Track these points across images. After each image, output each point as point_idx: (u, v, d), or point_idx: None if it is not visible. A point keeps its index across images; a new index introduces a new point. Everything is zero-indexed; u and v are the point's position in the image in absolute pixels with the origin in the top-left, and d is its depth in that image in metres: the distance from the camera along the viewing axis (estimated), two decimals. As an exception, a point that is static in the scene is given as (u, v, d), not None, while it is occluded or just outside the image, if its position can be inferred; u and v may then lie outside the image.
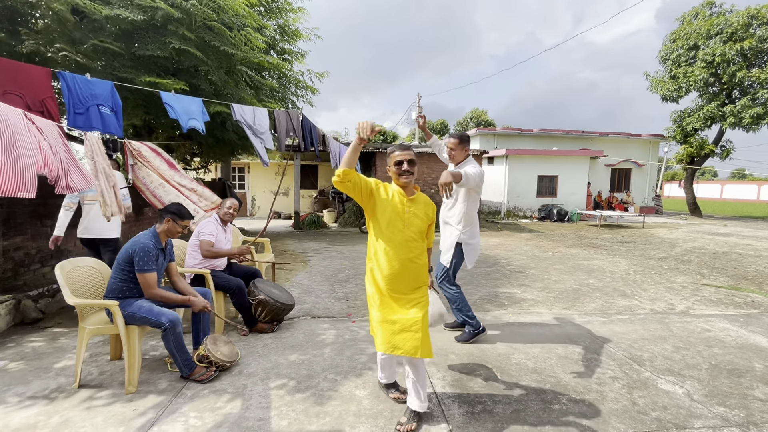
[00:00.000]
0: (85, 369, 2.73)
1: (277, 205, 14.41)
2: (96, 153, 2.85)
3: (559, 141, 17.58)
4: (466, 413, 2.29)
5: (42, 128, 2.29)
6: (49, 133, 2.35)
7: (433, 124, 39.44)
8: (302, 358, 2.98)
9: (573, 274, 6.01)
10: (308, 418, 2.22)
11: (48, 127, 2.38)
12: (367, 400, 2.41)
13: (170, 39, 4.18)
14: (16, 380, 2.57)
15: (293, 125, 6.02)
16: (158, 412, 2.25)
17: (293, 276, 5.55)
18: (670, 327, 3.76)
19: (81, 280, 2.62)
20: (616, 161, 17.83)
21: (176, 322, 2.45)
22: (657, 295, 4.92)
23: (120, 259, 2.50)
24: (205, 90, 4.81)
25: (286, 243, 8.70)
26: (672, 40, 15.76)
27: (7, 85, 2.66)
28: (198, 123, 4.04)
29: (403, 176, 2.14)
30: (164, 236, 2.65)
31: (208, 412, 2.26)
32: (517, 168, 14.82)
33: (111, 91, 3.34)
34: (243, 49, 4.90)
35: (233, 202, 3.65)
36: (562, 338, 3.43)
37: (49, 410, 2.24)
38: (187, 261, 3.42)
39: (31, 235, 4.04)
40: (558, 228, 12.53)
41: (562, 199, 15.21)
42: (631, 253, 8.07)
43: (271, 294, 3.39)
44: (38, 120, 2.32)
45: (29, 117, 2.22)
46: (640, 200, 18.57)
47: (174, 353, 2.49)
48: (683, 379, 2.73)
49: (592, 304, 4.46)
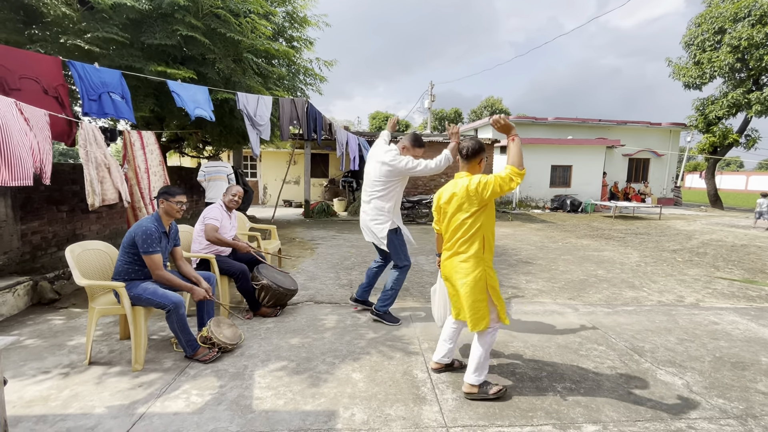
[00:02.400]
0: (96, 347, 2.86)
1: (287, 193, 14.56)
2: (89, 142, 2.93)
3: (575, 130, 17.16)
4: (459, 398, 2.32)
5: (29, 119, 2.35)
6: (36, 124, 2.41)
7: (447, 112, 38.92)
8: (303, 341, 3.05)
9: (581, 265, 5.94)
10: (304, 398, 2.29)
11: (36, 117, 2.45)
12: (362, 383, 2.46)
13: (177, 27, 4.22)
14: (32, 356, 2.71)
15: (297, 113, 6.05)
16: (162, 389, 2.35)
17: (300, 263, 5.63)
18: (676, 319, 3.69)
19: (91, 263, 2.73)
20: (634, 151, 17.34)
21: (179, 304, 2.53)
22: (667, 287, 4.83)
23: (125, 243, 2.59)
24: (212, 78, 4.86)
25: (295, 231, 8.81)
26: (697, 24, 15.08)
27: (22, 71, 2.74)
28: (204, 111, 4.09)
29: None
30: (165, 218, 2.72)
31: (208, 390, 2.35)
32: (530, 157, 14.55)
33: (119, 79, 3.41)
34: (250, 37, 4.91)
35: (238, 190, 3.70)
36: (563, 328, 3.42)
37: (61, 384, 2.37)
38: (193, 246, 3.51)
39: (48, 220, 4.20)
40: (571, 219, 12.33)
41: (576, 189, 14.92)
42: (644, 244, 7.90)
43: (274, 279, 3.46)
44: (27, 110, 2.38)
45: (19, 107, 2.29)
46: (659, 191, 18.07)
47: (177, 333, 2.58)
48: (684, 371, 2.69)
49: (597, 295, 4.41)
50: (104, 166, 3.21)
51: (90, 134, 3.07)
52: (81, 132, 3.03)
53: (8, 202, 3.64)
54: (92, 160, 3.09)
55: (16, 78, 2.62)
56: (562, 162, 14.85)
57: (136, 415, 2.09)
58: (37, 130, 2.45)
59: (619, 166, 17.59)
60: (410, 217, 10.63)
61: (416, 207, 10.66)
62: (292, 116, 6.12)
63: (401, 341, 3.10)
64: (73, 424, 2.01)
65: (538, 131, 17.00)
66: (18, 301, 3.46)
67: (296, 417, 2.11)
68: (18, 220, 3.79)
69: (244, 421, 2.07)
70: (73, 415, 2.09)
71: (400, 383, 2.48)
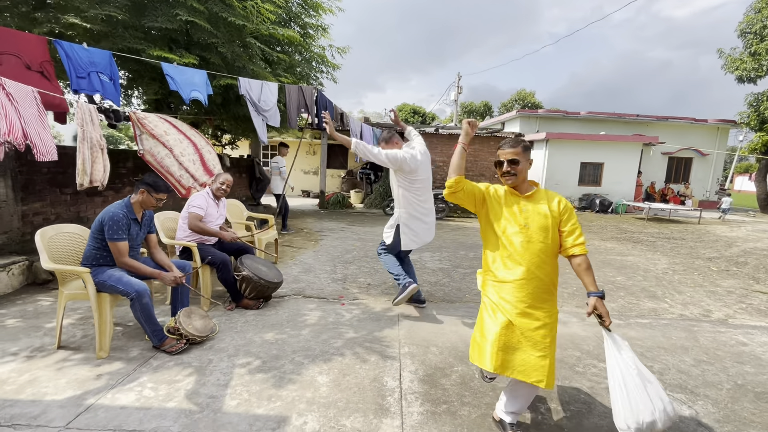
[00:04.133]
0: (71, 331, 2.84)
1: (305, 183, 14.59)
2: (86, 122, 2.89)
3: (610, 125, 16.16)
4: (427, 412, 2.11)
5: (12, 94, 2.31)
6: (23, 100, 2.37)
7: (476, 105, 37.86)
8: (278, 337, 2.92)
9: (599, 270, 5.50)
10: (259, 400, 2.15)
11: (22, 94, 2.41)
12: (325, 388, 2.29)
13: (178, 11, 4.15)
14: (7, 336, 2.72)
15: (306, 101, 5.89)
16: (119, 379, 2.28)
17: (300, 254, 5.54)
18: (697, 336, 3.29)
19: (64, 246, 2.70)
20: (675, 149, 16.13)
21: (142, 293, 2.45)
22: (693, 299, 4.36)
23: (94, 228, 2.53)
24: (215, 63, 4.79)
25: (306, 221, 8.76)
26: (756, 10, 13.68)
27: (4, 47, 2.73)
28: (200, 95, 4.01)
29: (504, 177, 1.91)
30: (138, 207, 2.64)
31: (165, 384, 2.25)
32: (558, 153, 13.83)
33: (109, 60, 3.37)
34: (255, 22, 4.79)
35: (226, 178, 3.61)
36: (563, 339, 3.11)
37: (23, 368, 2.34)
38: (178, 233, 3.45)
39: (51, 202, 4.28)
40: (598, 219, 11.62)
41: (607, 188, 14.05)
42: (675, 250, 7.27)
43: (256, 271, 3.34)
44: (11, 86, 2.34)
45: (1, 83, 2.24)
46: (701, 193, 16.76)
47: (142, 322, 2.51)
48: (695, 399, 2.35)
49: (611, 304, 4.02)
50: (98, 146, 3.18)
51: (87, 114, 3.04)
52: (78, 111, 3.01)
53: (8, 182, 3.72)
54: (87, 139, 3.07)
55: (-6, 55, 2.61)
56: (592, 159, 14.00)
57: (83, 406, 2.02)
58: (24, 105, 2.42)
59: (657, 165, 16.43)
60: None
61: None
62: (300, 104, 5.97)
63: (381, 343, 2.91)
64: (19, 411, 1.96)
65: (569, 126, 16.14)
66: (12, 280, 3.54)
67: (244, 420, 1.97)
68: (19, 200, 3.87)
69: (189, 421, 1.95)
70: (23, 401, 2.04)
71: (366, 391, 2.29)
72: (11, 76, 2.53)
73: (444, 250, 6.28)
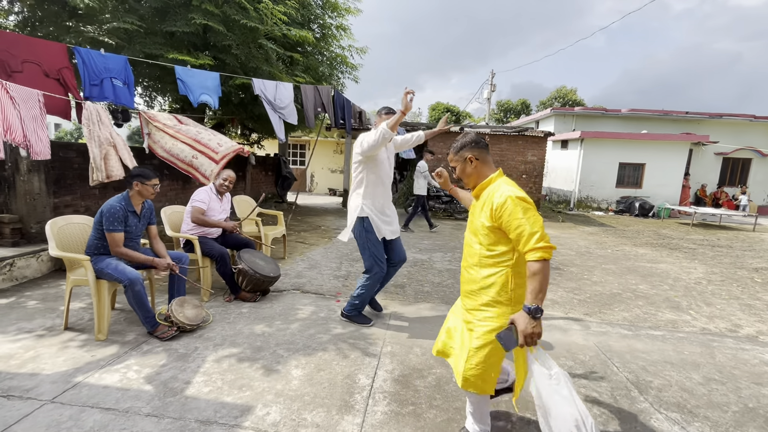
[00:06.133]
0: (80, 314, 3.08)
1: (332, 182, 14.83)
2: (92, 122, 3.11)
3: (654, 123, 15.09)
4: (391, 412, 2.08)
5: (16, 97, 2.53)
6: (25, 104, 2.59)
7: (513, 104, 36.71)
8: (266, 330, 2.99)
9: (622, 276, 5.16)
10: (231, 389, 2.21)
11: (27, 97, 2.63)
12: (297, 381, 2.32)
13: (193, 15, 4.37)
14: (25, 316, 3.00)
15: (323, 101, 6.00)
16: (110, 360, 2.43)
17: (310, 251, 5.64)
18: (714, 353, 3.00)
19: (73, 236, 2.92)
20: (730, 149, 14.78)
21: (135, 281, 2.60)
22: (723, 312, 3.98)
23: (96, 220, 2.72)
24: (230, 65, 4.99)
25: (325, 219, 8.91)
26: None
27: (26, 56, 3.00)
28: (210, 98, 4.19)
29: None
30: (137, 199, 2.81)
31: (149, 367, 2.38)
32: (594, 153, 13.11)
33: (124, 65, 3.60)
34: (268, 23, 4.94)
35: (229, 174, 3.74)
36: (558, 346, 2.95)
37: (30, 345, 2.57)
38: (182, 226, 3.63)
39: (80, 195, 4.66)
40: (637, 224, 10.89)
41: (649, 191, 13.14)
42: (717, 258, 6.67)
43: (252, 264, 3.45)
44: (16, 89, 2.56)
45: (5, 87, 2.47)
46: (761, 198, 15.25)
47: (135, 309, 2.67)
48: (692, 419, 2.14)
49: (623, 313, 3.77)
50: (108, 143, 3.40)
51: (94, 114, 3.28)
52: (85, 112, 3.24)
53: (42, 176, 4.08)
54: (95, 138, 3.30)
55: (18, 62, 2.88)
56: (632, 159, 13.14)
57: (71, 383, 2.18)
58: (26, 109, 2.65)
59: (708, 166, 15.15)
60: (448, 212, 10.20)
61: (454, 201, 10.19)
62: (317, 103, 6.09)
63: (366, 341, 2.91)
64: (17, 383, 2.15)
65: (608, 124, 15.25)
66: (41, 266, 3.88)
67: (211, 407, 2.04)
68: (51, 193, 4.23)
69: (161, 404, 2.05)
70: (22, 374, 2.24)
71: (336, 386, 2.29)
72: (29, 82, 2.78)
73: (457, 251, 6.16)
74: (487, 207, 1.60)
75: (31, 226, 4.03)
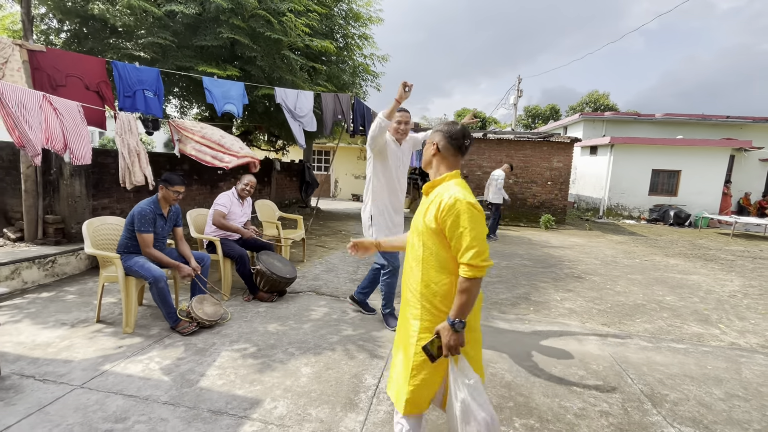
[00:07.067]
0: (111, 308, 3.30)
1: (356, 188, 15.02)
2: (125, 131, 3.35)
3: (691, 128, 14.38)
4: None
5: (59, 108, 2.79)
6: (68, 114, 2.84)
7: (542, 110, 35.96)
8: (279, 329, 3.10)
9: (648, 287, 4.96)
10: (243, 383, 2.32)
11: (68, 108, 2.89)
12: (305, 378, 2.41)
13: (221, 29, 4.64)
14: (63, 308, 3.25)
15: (342, 108, 6.15)
16: (135, 352, 2.61)
17: (329, 254, 5.76)
18: (740, 368, 2.85)
19: (107, 236, 3.16)
20: (776, 155, 13.85)
21: (159, 279, 2.78)
22: (756, 327, 3.76)
23: (127, 221, 2.93)
24: (255, 75, 5.23)
25: (347, 224, 9.05)
26: None
27: (70, 70, 3.30)
28: (234, 107, 4.41)
29: None
30: (163, 203, 3.01)
31: (169, 360, 2.54)
32: (625, 159, 12.63)
33: (156, 77, 3.87)
34: (291, 36, 5.15)
35: (250, 179, 3.92)
36: (572, 356, 2.89)
37: (66, 335, 2.79)
38: (206, 228, 3.83)
39: (117, 198, 4.99)
40: (671, 233, 10.39)
41: (685, 199, 12.50)
42: (758, 271, 6.28)
43: (270, 266, 3.59)
44: (59, 102, 2.82)
45: (49, 100, 2.73)
46: (813, 207, 14.15)
47: (159, 304, 2.85)
48: (707, 436, 2.06)
49: (645, 325, 3.63)
50: (135, 152, 3.66)
51: (126, 123, 3.54)
52: (118, 121, 3.51)
53: (82, 181, 4.42)
54: (126, 146, 3.55)
55: (63, 76, 3.17)
56: (666, 166, 12.57)
57: (99, 371, 2.36)
58: (68, 118, 2.91)
59: (753, 173, 14.25)
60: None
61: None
62: (336, 111, 6.26)
63: (374, 343, 2.96)
64: (52, 369, 2.36)
65: (641, 130, 14.67)
66: (80, 263, 4.19)
67: (223, 399, 2.16)
68: (90, 196, 4.57)
69: (178, 393, 2.19)
70: (57, 361, 2.44)
71: (343, 385, 2.36)
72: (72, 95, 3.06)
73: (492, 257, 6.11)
74: (434, 207, 1.46)
75: (72, 227, 4.37)
